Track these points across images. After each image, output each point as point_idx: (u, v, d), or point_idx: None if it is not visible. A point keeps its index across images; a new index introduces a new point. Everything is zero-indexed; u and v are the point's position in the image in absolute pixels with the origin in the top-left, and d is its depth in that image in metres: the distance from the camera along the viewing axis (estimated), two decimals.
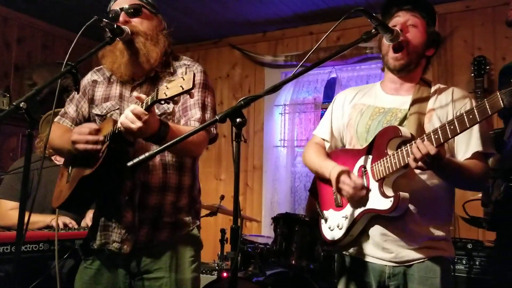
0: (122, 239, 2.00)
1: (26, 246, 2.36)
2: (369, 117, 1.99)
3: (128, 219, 2.00)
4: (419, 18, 1.95)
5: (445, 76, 4.44)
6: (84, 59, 1.76)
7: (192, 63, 2.16)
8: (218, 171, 5.53)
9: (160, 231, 2.02)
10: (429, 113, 1.90)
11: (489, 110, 1.50)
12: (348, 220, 1.91)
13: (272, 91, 1.62)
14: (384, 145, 1.82)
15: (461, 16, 4.44)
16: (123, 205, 2.01)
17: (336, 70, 5.01)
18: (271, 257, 3.46)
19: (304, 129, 5.21)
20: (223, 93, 5.61)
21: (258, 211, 5.25)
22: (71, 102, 2.19)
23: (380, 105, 2.01)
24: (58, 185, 2.14)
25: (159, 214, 2.03)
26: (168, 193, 2.04)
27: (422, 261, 1.85)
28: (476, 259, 3.32)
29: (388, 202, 1.76)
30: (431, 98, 1.94)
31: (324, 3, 4.58)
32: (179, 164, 2.08)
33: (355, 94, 2.15)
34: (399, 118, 1.92)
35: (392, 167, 1.76)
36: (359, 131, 2.00)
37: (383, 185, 1.81)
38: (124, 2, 2.05)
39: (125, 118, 1.70)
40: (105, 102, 2.11)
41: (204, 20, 5.14)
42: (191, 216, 2.11)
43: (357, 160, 1.93)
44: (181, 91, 1.58)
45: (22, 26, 5.08)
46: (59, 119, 2.16)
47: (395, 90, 2.03)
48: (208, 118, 2.05)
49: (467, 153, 1.85)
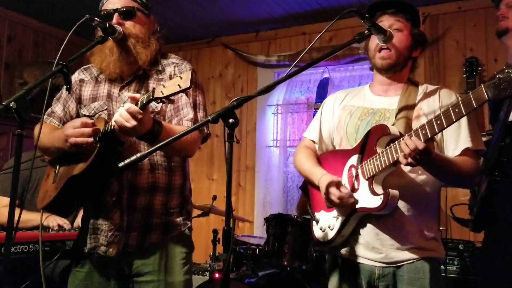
0: (108, 242, 1.97)
1: (16, 247, 2.33)
2: (358, 118, 2.02)
3: (115, 221, 1.98)
4: (403, 21, 1.98)
5: (437, 77, 4.46)
6: (75, 58, 1.75)
7: (181, 61, 2.14)
8: (211, 170, 5.51)
9: (150, 233, 2.00)
10: (416, 112, 1.92)
11: (474, 102, 1.51)
12: (339, 220, 1.93)
13: (264, 91, 1.62)
14: (373, 143, 1.84)
15: (453, 17, 4.46)
16: (110, 207, 1.98)
17: (329, 70, 5.02)
18: (264, 258, 3.46)
19: (297, 129, 5.21)
20: (216, 92, 5.60)
21: (251, 211, 5.25)
22: (58, 101, 2.16)
23: (369, 106, 2.04)
24: (43, 185, 2.11)
25: (149, 215, 2.00)
26: (157, 194, 2.02)
27: (412, 262, 1.87)
28: (467, 259, 3.33)
29: (378, 200, 1.78)
30: (418, 98, 1.96)
31: (317, 3, 4.58)
32: (168, 164, 2.06)
33: (344, 96, 2.17)
34: (387, 118, 1.95)
35: (381, 164, 1.78)
36: (348, 131, 2.03)
37: (373, 183, 1.82)
38: (118, 2, 2.02)
39: (119, 116, 1.68)
40: (93, 102, 2.09)
41: (197, 19, 5.12)
42: (182, 217, 2.09)
43: (347, 160, 1.96)
44: (179, 90, 1.58)
45: (12, 24, 5.03)
46: (46, 118, 2.13)
47: (383, 91, 2.05)
48: (200, 117, 2.04)
49: (456, 150, 1.87)
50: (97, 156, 1.80)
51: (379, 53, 1.97)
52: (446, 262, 3.33)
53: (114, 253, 1.97)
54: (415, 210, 1.88)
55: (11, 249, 2.27)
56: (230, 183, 1.43)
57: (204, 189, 5.35)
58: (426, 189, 1.91)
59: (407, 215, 1.87)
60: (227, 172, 1.43)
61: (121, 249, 1.97)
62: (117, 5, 2.01)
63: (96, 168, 1.82)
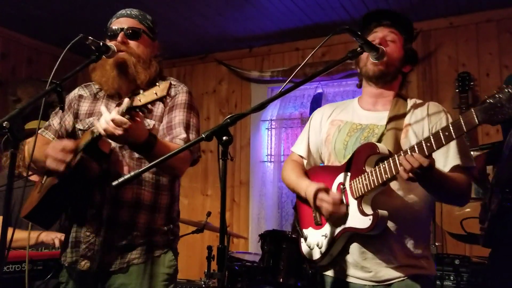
0: (81, 255, 1.95)
1: (8, 266, 2.31)
2: (347, 133, 2.00)
3: (92, 234, 1.95)
4: (397, 34, 1.98)
5: (430, 92, 4.49)
6: (69, 77, 1.75)
7: (178, 83, 2.17)
8: (205, 186, 5.49)
9: (130, 252, 1.97)
10: (405, 128, 1.89)
11: (464, 127, 1.51)
12: (328, 239, 1.90)
13: (258, 109, 1.62)
14: (362, 162, 1.81)
15: (445, 32, 4.51)
16: (89, 219, 1.96)
17: (322, 86, 5.04)
18: (259, 275, 3.44)
19: (291, 144, 5.21)
20: (209, 108, 5.61)
21: (245, 226, 5.22)
22: (56, 114, 2.19)
23: (357, 122, 2.02)
24: (30, 196, 2.10)
25: (130, 233, 1.97)
26: (141, 212, 1.99)
27: (402, 280, 1.83)
28: (463, 275, 3.33)
29: (367, 221, 1.74)
30: (407, 113, 1.94)
31: (309, 19, 4.62)
32: (156, 182, 2.05)
33: (332, 110, 2.15)
34: (376, 135, 1.92)
35: (370, 184, 1.75)
36: (336, 147, 2.00)
37: (361, 203, 1.79)
38: (125, 22, 2.07)
39: (105, 123, 1.69)
40: (89, 118, 2.10)
41: (191, 36, 5.15)
42: (165, 238, 2.06)
43: (336, 177, 1.92)
44: (155, 98, 1.59)
45: (6, 41, 5.04)
46: (42, 131, 2.14)
47: (372, 105, 2.03)
48: (192, 138, 2.02)
49: (446, 167, 1.85)
50: (77, 166, 1.79)
51: (371, 60, 1.94)
52: (442, 277, 3.32)
53: (86, 268, 1.94)
54: (403, 228, 1.85)
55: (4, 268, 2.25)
56: (224, 200, 1.43)
57: (199, 205, 5.33)
58: (415, 208, 1.89)
59: (395, 234, 1.84)
60: (221, 190, 1.42)
61: (97, 266, 1.93)
62: (124, 25, 2.06)
63: (76, 178, 1.82)
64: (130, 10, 2.13)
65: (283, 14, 4.53)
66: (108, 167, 1.95)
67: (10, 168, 1.53)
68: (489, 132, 4.19)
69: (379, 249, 1.83)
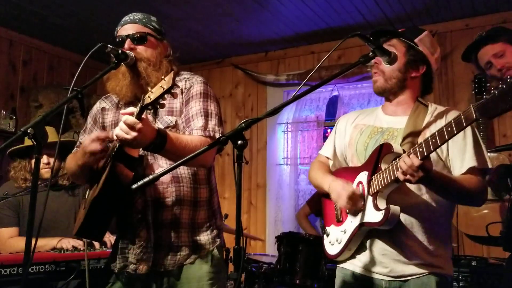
0: (137, 259, 1.99)
1: (32, 267, 2.37)
2: (368, 136, 2.09)
3: (142, 238, 1.99)
4: (395, 45, 2.03)
5: (447, 94, 4.48)
6: (89, 84, 1.81)
7: (192, 75, 2.17)
8: (222, 189, 5.54)
9: (179, 253, 2.00)
10: (423, 132, 1.95)
11: (464, 122, 1.59)
12: (346, 234, 1.99)
13: (272, 113, 1.65)
14: (379, 161, 1.91)
15: (461, 34, 4.50)
16: (136, 224, 2.00)
17: (338, 88, 5.06)
18: (276, 276, 3.47)
19: (307, 147, 5.25)
20: (226, 112, 5.66)
21: (262, 229, 5.26)
22: (84, 132, 2.23)
23: (378, 125, 2.11)
24: (79, 213, 2.13)
25: (177, 231, 2.01)
26: (183, 208, 2.02)
27: (418, 277, 1.89)
28: (480, 276, 3.31)
29: (380, 215, 1.83)
30: (427, 119, 2.00)
31: (324, 23, 4.65)
32: (193, 177, 2.07)
33: (357, 115, 2.26)
34: (395, 137, 2.00)
35: (384, 181, 1.84)
36: (358, 149, 2.10)
37: (376, 198, 1.88)
38: (131, 28, 2.09)
39: (119, 130, 1.71)
40: (115, 127, 2.14)
41: (207, 41, 5.22)
42: (211, 234, 2.09)
43: (356, 176, 2.02)
44: (162, 91, 1.61)
45: (28, 48, 5.17)
46: (75, 150, 2.18)
47: (393, 111, 2.12)
48: (214, 124, 2.04)
49: (462, 168, 1.90)
50: (109, 175, 1.82)
51: (372, 78, 2.07)
52: (459, 279, 3.31)
53: (144, 270, 1.98)
54: (420, 226, 1.91)
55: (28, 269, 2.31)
56: (239, 203, 1.46)
57: None
58: (433, 206, 1.93)
59: (412, 231, 1.91)
60: (236, 193, 1.46)
61: (151, 267, 1.98)
62: (130, 31, 2.08)
63: (114, 187, 1.83)
64: (134, 15, 2.14)
65: (298, 19, 4.57)
66: (143, 171, 1.98)
67: (34, 174, 1.59)
68: (506, 134, 4.16)
69: (396, 246, 1.90)
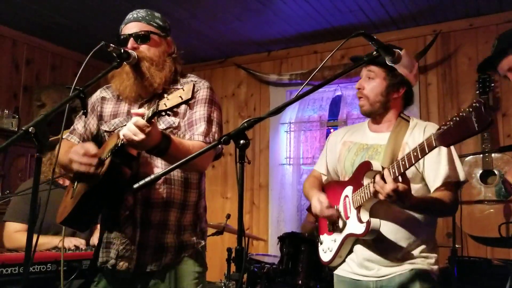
0: (118, 256, 1.99)
1: (33, 267, 2.36)
2: (355, 153, 2.24)
3: (127, 235, 2.00)
4: (374, 70, 2.18)
5: (450, 94, 4.46)
6: (91, 83, 1.79)
7: (198, 79, 2.18)
8: (225, 189, 5.54)
9: (164, 253, 2.02)
10: (403, 147, 2.08)
11: (426, 149, 1.68)
12: (336, 243, 2.17)
13: (275, 113, 1.63)
14: (361, 177, 2.05)
15: (464, 34, 4.47)
16: (123, 221, 2.00)
17: (341, 88, 5.05)
18: (278, 277, 3.46)
19: (310, 147, 5.23)
20: (229, 111, 5.66)
21: (265, 229, 5.25)
22: (80, 119, 2.22)
23: (364, 142, 2.26)
24: (63, 201, 2.13)
25: (163, 232, 2.02)
26: (172, 210, 2.03)
27: (401, 273, 2.04)
28: (484, 277, 3.30)
29: (362, 227, 2.00)
30: (407, 133, 2.13)
31: (327, 22, 4.63)
32: (185, 180, 2.08)
33: (345, 133, 2.42)
34: (379, 153, 2.14)
35: (365, 196, 1.98)
36: (346, 165, 2.26)
37: (360, 211, 2.04)
38: (134, 27, 2.08)
39: (127, 130, 1.71)
40: (114, 119, 2.14)
41: (210, 41, 5.21)
42: (195, 236, 2.11)
43: (343, 190, 2.18)
44: (180, 101, 1.60)
45: (31, 48, 5.17)
46: (67, 136, 2.18)
47: (378, 128, 2.26)
48: (214, 132, 2.06)
49: (436, 182, 2.03)
50: (108, 171, 1.82)
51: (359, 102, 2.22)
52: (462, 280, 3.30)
53: (124, 268, 1.98)
54: (404, 232, 2.05)
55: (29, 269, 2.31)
56: (242, 203, 1.45)
57: (218, 208, 5.38)
58: (413, 214, 2.05)
59: (396, 238, 2.05)
60: (238, 193, 1.45)
61: (135, 266, 1.98)
62: (133, 30, 2.08)
63: (108, 183, 1.84)
64: (137, 13, 2.12)
65: (301, 18, 4.55)
66: (138, 169, 1.99)
67: (36, 172, 1.58)
68: (511, 134, 4.14)
69: (381, 250, 2.06)
